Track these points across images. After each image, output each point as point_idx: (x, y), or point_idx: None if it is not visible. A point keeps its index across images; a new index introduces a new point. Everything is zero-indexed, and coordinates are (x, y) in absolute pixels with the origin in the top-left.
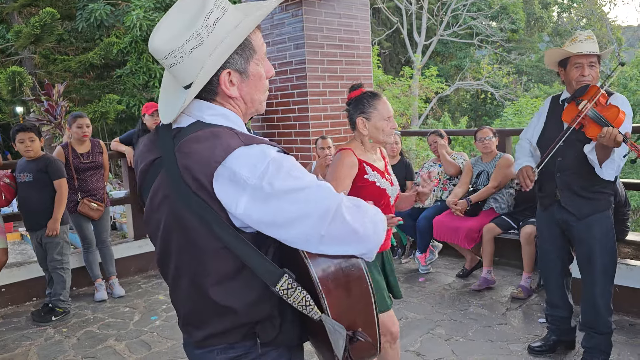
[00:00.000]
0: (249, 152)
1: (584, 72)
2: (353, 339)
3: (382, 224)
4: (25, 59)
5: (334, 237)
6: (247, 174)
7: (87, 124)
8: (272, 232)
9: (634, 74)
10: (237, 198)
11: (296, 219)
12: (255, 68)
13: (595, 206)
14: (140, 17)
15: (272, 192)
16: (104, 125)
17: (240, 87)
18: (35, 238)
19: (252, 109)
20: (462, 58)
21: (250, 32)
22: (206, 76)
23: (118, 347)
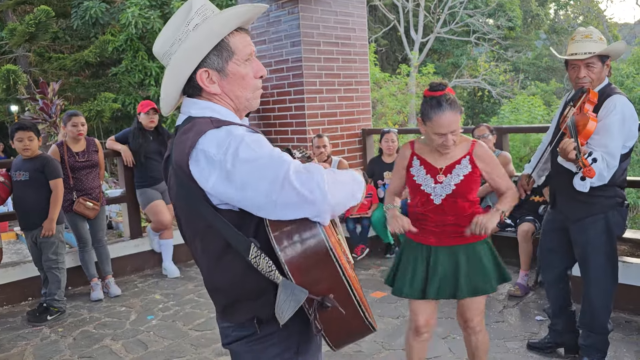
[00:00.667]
0: (217, 133)
1: (579, 74)
2: (323, 305)
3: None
4: (20, 57)
5: (286, 204)
6: (214, 151)
7: (82, 123)
8: (236, 201)
9: (630, 71)
10: (208, 175)
11: (250, 186)
12: (235, 68)
13: (589, 209)
14: (135, 14)
15: (233, 164)
16: (99, 124)
17: (221, 84)
18: (30, 237)
19: (241, 105)
20: (459, 56)
21: (223, 35)
22: (176, 70)
23: (114, 347)
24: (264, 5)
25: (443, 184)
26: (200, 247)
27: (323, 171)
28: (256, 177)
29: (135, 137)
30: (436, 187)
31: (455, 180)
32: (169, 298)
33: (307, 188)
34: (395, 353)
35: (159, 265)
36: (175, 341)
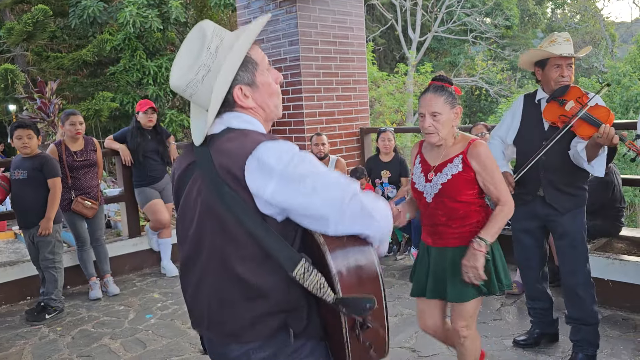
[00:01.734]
0: (276, 145)
1: (563, 73)
2: (364, 325)
3: (389, 216)
4: (18, 56)
5: (352, 214)
6: (274, 162)
7: (80, 122)
8: (296, 212)
9: (627, 70)
10: (265, 184)
11: (319, 193)
12: (261, 78)
13: (576, 201)
14: (133, 13)
15: (296, 176)
16: (97, 123)
17: (255, 97)
18: (28, 236)
19: (271, 114)
20: (457, 54)
21: (247, 50)
22: (219, 94)
23: (113, 346)
24: (269, 16)
25: (432, 182)
26: (233, 251)
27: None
28: (326, 185)
29: (134, 136)
30: (427, 185)
31: (443, 179)
32: (167, 297)
33: (374, 207)
34: (394, 351)
35: (157, 264)
36: (174, 340)
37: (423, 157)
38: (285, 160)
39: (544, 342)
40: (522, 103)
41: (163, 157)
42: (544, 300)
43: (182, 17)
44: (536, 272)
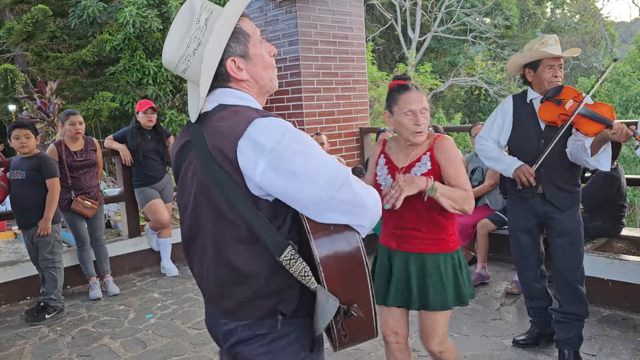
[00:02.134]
0: (267, 122)
1: (556, 73)
2: (348, 312)
3: (379, 204)
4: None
5: (342, 201)
6: (264, 140)
7: (79, 121)
8: (286, 194)
9: (626, 69)
10: (255, 162)
11: (308, 178)
12: (254, 50)
13: (574, 198)
14: (133, 13)
15: (287, 155)
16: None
17: (248, 69)
18: (27, 236)
19: (266, 87)
20: (456, 54)
21: (236, 21)
22: (209, 65)
23: (113, 346)
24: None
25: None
26: (225, 233)
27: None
28: (316, 170)
29: (134, 136)
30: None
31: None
32: (167, 297)
33: (364, 193)
34: None
35: (157, 264)
36: (174, 340)
37: (389, 158)
38: (277, 137)
39: (544, 341)
40: (512, 104)
41: (163, 157)
42: (543, 299)
43: None
44: (534, 270)
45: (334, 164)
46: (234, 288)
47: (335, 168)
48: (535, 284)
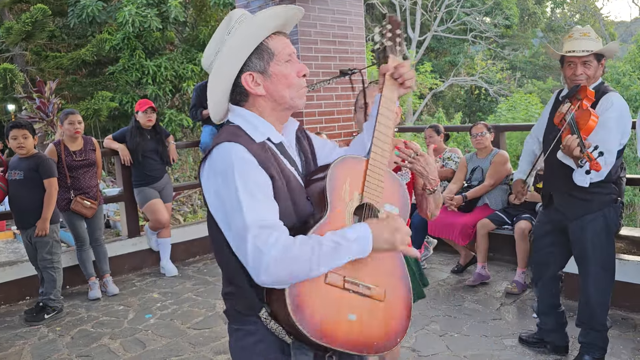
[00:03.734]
0: (225, 148)
1: (576, 71)
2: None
3: (284, 264)
4: (17, 56)
5: (238, 253)
6: (218, 167)
7: (78, 121)
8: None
9: (626, 69)
10: (209, 186)
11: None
12: (277, 68)
13: (587, 207)
14: (132, 13)
15: (221, 184)
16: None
17: (266, 85)
18: (25, 236)
19: (285, 104)
20: (456, 54)
21: (263, 38)
22: (222, 76)
23: (112, 346)
24: (299, 8)
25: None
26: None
27: (279, 243)
28: (230, 208)
29: (133, 136)
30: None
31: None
32: (166, 297)
33: (253, 254)
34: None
35: (156, 264)
36: (173, 340)
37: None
38: (224, 166)
39: (549, 348)
40: (553, 99)
41: (162, 156)
42: (551, 314)
43: (181, 17)
44: (544, 274)
45: (244, 218)
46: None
47: (241, 222)
48: (544, 288)
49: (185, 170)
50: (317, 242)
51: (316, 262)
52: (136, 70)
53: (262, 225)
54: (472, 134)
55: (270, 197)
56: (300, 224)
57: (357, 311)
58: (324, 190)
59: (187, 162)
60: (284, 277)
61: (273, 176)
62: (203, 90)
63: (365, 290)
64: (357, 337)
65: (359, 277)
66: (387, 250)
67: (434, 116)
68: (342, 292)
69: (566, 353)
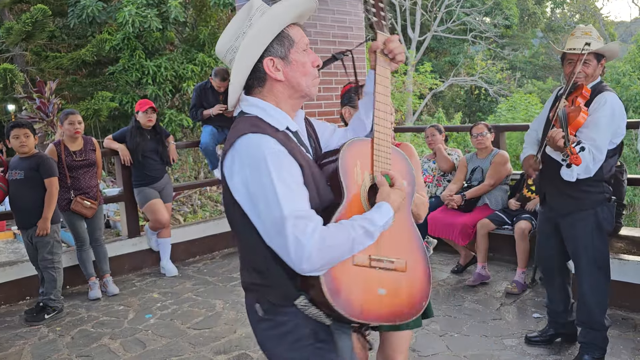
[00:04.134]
0: (251, 139)
1: (575, 69)
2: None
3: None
4: (17, 56)
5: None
6: (245, 158)
7: (78, 121)
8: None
9: (626, 69)
10: (233, 174)
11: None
12: (296, 56)
13: (578, 205)
14: (132, 13)
15: (255, 178)
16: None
17: (285, 71)
18: (26, 236)
19: (301, 92)
20: (456, 54)
21: (282, 25)
22: (244, 57)
23: (112, 346)
24: (315, 0)
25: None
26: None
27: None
28: (264, 199)
29: (133, 136)
30: None
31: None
32: (167, 297)
33: (294, 244)
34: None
35: (157, 264)
36: (173, 340)
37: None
38: (251, 156)
39: (559, 342)
40: (553, 97)
41: (162, 156)
42: (557, 302)
43: (182, 17)
44: (550, 272)
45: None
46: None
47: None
48: (551, 286)
49: (185, 171)
50: (351, 228)
51: (349, 249)
52: (136, 70)
53: (299, 216)
54: (473, 134)
55: (303, 186)
56: (322, 209)
57: (385, 285)
58: (337, 175)
59: (187, 162)
60: (323, 265)
61: (302, 164)
62: (203, 90)
63: (389, 265)
64: (388, 308)
65: (382, 253)
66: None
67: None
68: (369, 270)
69: (574, 342)
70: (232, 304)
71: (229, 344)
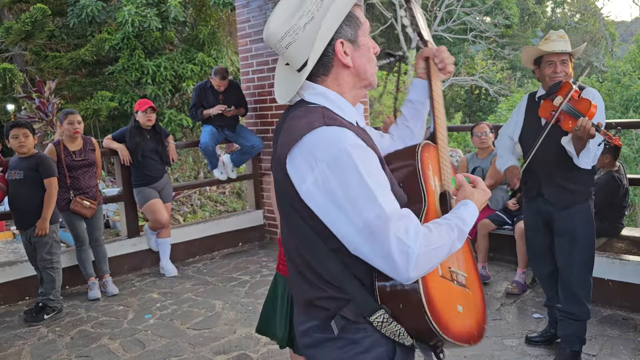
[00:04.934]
0: (327, 132)
1: (556, 70)
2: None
3: (428, 256)
4: (16, 55)
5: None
6: (319, 154)
7: (78, 121)
8: (325, 218)
9: (627, 69)
10: (304, 176)
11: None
12: (363, 39)
13: (575, 197)
14: (132, 13)
15: (336, 177)
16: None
17: (354, 56)
18: (25, 236)
19: (365, 80)
20: (456, 54)
21: (352, 5)
22: (322, 44)
23: (112, 346)
24: None
25: None
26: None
27: (420, 235)
28: (352, 200)
29: (133, 136)
30: None
31: None
32: (166, 297)
33: (398, 248)
34: None
35: (156, 264)
36: (173, 340)
37: None
38: (331, 155)
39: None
40: (525, 101)
41: (162, 156)
42: (556, 299)
43: (181, 16)
44: (546, 269)
45: (381, 207)
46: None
47: (376, 213)
48: (548, 283)
49: (185, 170)
50: (449, 229)
51: (447, 252)
52: (136, 70)
53: (401, 215)
54: (476, 134)
55: (389, 184)
56: None
57: (461, 302)
58: (416, 178)
59: (187, 162)
60: (426, 269)
61: (382, 161)
62: (203, 90)
63: (462, 279)
64: (462, 328)
65: (455, 266)
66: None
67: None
68: (450, 284)
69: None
70: (231, 304)
71: (229, 344)
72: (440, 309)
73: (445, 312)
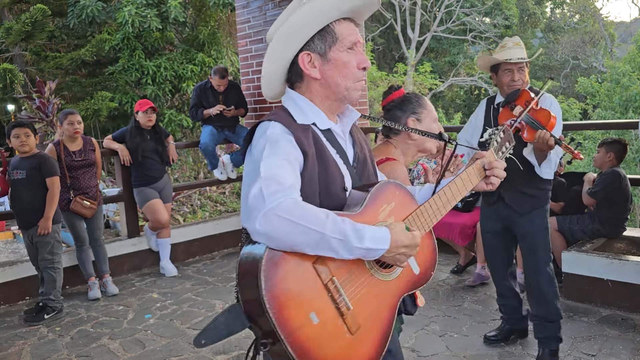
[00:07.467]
0: (264, 126)
1: (514, 77)
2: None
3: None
4: (16, 56)
5: (245, 209)
6: (254, 141)
7: (78, 121)
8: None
9: (626, 69)
10: (246, 163)
11: (245, 188)
12: (337, 54)
13: (535, 202)
14: (132, 13)
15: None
16: (96, 123)
17: (322, 70)
18: (27, 236)
19: (339, 94)
20: (456, 54)
21: (331, 20)
22: (281, 50)
23: (112, 346)
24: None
25: None
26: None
27: (286, 201)
28: (251, 175)
29: (133, 136)
30: None
31: None
32: (166, 297)
33: (255, 198)
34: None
35: (156, 264)
36: (173, 340)
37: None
38: (260, 140)
39: (514, 337)
40: (484, 106)
41: (162, 157)
42: (511, 297)
43: (181, 17)
44: (502, 271)
45: (262, 170)
46: None
47: (258, 174)
48: (503, 283)
49: (185, 171)
50: (333, 223)
51: (313, 243)
52: (136, 70)
53: (277, 181)
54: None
55: (296, 170)
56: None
57: (322, 317)
58: (365, 195)
59: (187, 163)
60: (273, 235)
61: (307, 154)
62: (203, 90)
63: (343, 307)
64: (311, 345)
65: (347, 288)
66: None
67: None
68: (319, 287)
69: (526, 336)
70: (231, 304)
71: (229, 344)
72: (281, 283)
73: (289, 299)
